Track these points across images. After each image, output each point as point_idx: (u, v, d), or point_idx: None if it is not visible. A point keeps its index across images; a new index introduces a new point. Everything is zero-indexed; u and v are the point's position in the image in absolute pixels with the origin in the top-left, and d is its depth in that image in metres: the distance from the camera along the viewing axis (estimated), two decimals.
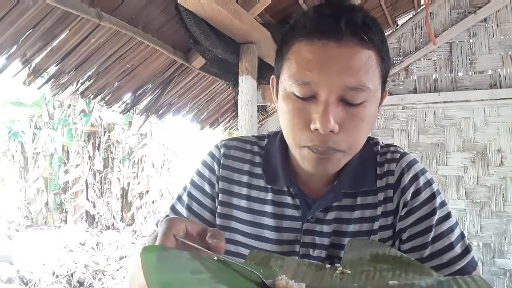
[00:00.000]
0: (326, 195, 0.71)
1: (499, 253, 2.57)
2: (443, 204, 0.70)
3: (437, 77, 2.85)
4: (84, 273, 5.37)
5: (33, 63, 1.77)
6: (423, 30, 2.90)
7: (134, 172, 8.84)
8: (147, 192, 8.69)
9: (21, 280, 5.03)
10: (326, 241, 0.70)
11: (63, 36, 1.75)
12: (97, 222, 8.46)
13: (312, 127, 0.60)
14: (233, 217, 0.75)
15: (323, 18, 0.61)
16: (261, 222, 0.73)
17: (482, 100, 2.67)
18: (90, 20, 1.72)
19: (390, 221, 0.70)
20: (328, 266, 0.55)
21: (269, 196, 0.73)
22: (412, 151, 2.82)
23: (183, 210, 0.77)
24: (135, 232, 8.07)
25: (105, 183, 8.70)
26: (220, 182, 0.76)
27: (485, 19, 2.72)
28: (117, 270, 5.70)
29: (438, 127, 2.80)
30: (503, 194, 2.60)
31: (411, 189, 0.69)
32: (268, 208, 0.73)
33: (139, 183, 8.73)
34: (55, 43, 1.75)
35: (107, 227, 8.39)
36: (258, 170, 0.75)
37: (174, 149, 9.50)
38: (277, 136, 0.77)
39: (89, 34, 1.81)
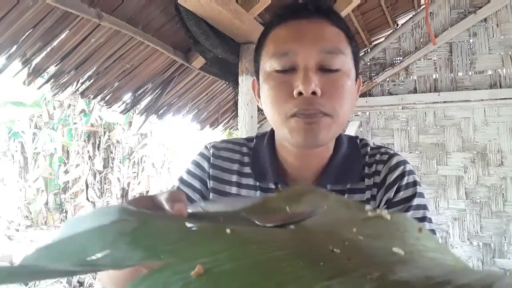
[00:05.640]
0: None
1: (499, 253, 2.57)
2: (419, 207, 0.69)
3: (437, 77, 2.85)
4: None
5: (33, 63, 1.77)
6: (423, 30, 2.89)
7: (134, 172, 8.83)
8: (147, 192, 8.68)
9: None
10: None
11: (63, 36, 1.75)
12: None
13: (295, 92, 0.62)
14: None
15: (293, 6, 0.69)
16: None
17: (482, 100, 2.67)
18: (90, 20, 1.72)
19: None
20: (368, 207, 0.41)
21: (258, 194, 0.74)
22: (412, 151, 2.82)
23: None
24: None
25: (105, 183, 8.70)
26: (211, 181, 0.77)
27: (485, 19, 2.72)
28: None
29: (438, 127, 2.80)
30: (503, 194, 2.60)
31: (394, 188, 0.70)
32: None
33: (139, 183, 8.73)
34: (55, 43, 1.75)
35: None
36: (247, 170, 0.77)
37: (174, 149, 9.50)
38: (265, 136, 0.79)
39: (89, 34, 1.81)
